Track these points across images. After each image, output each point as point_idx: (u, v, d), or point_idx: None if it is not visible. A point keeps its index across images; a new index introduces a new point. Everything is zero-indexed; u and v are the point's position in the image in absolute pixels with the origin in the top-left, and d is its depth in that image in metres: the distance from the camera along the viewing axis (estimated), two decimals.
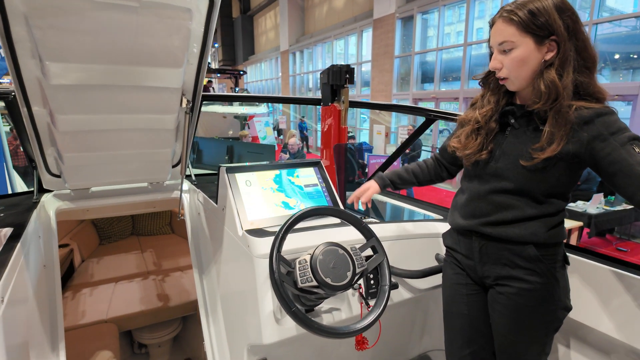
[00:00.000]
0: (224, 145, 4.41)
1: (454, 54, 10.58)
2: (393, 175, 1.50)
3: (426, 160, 1.49)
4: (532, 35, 1.03)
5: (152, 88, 1.35)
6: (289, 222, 1.12)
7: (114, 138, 1.52)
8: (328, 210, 1.19)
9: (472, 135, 1.19)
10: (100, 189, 1.95)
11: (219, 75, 15.31)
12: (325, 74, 1.72)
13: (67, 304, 2.96)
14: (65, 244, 3.53)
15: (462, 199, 1.26)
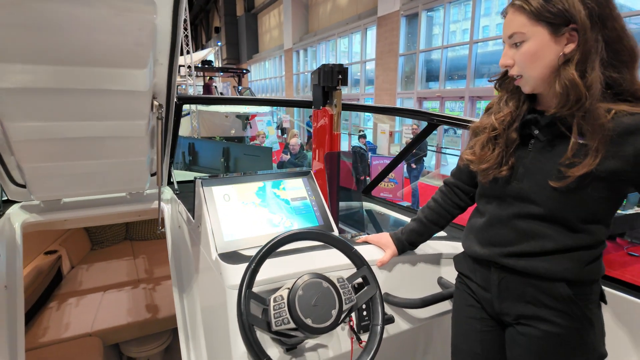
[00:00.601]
0: (219, 147, 4.27)
1: (459, 52, 10.37)
2: (411, 236, 1.30)
3: (437, 195, 1.29)
4: (546, 25, 0.86)
5: (115, 92, 1.19)
6: (262, 252, 0.95)
7: (78, 147, 1.37)
8: (311, 235, 1.02)
9: (488, 145, 1.01)
10: (73, 199, 1.80)
11: (222, 74, 15.18)
12: (315, 74, 1.55)
13: (52, 315, 2.83)
14: (53, 250, 3.40)
15: (479, 222, 1.08)
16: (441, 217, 1.27)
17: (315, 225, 1.41)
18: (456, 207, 1.25)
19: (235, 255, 1.18)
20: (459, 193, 1.24)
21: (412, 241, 1.31)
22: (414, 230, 1.29)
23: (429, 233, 1.30)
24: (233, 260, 1.13)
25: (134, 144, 1.46)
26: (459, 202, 1.24)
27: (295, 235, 1.00)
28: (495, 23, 9.59)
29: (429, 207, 1.29)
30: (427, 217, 1.28)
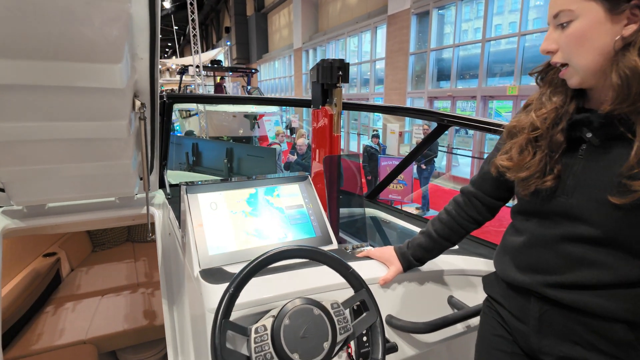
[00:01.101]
0: (223, 147, 4.17)
1: (471, 51, 10.15)
2: (418, 252, 1.15)
3: (451, 206, 1.12)
4: (600, 0, 0.70)
5: (89, 89, 1.08)
6: (242, 274, 0.83)
7: (56, 150, 1.27)
8: (300, 252, 0.89)
9: (527, 148, 0.84)
10: (58, 204, 1.70)
11: (230, 73, 15.13)
12: (314, 70, 1.42)
13: (47, 320, 2.76)
14: (52, 253, 3.34)
15: (516, 242, 0.91)
16: (454, 232, 1.11)
17: (312, 237, 1.28)
18: (472, 221, 1.09)
19: (219, 272, 1.05)
20: (478, 205, 1.07)
21: (419, 257, 1.16)
22: (422, 245, 1.15)
23: (438, 249, 1.15)
24: (216, 278, 1.01)
25: (117, 146, 1.35)
26: (476, 215, 1.08)
27: (282, 254, 0.87)
28: (508, 22, 9.36)
29: (441, 220, 1.13)
30: (438, 232, 1.12)
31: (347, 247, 1.40)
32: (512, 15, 9.19)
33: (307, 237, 1.27)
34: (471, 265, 1.29)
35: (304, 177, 1.40)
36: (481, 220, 1.09)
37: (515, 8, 8.99)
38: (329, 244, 1.29)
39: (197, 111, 10.85)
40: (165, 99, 1.57)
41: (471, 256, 1.34)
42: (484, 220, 1.10)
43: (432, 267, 1.23)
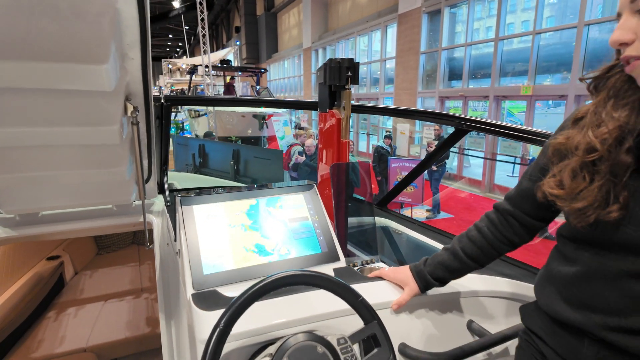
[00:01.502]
0: (229, 149, 4.09)
1: (483, 50, 9.94)
2: (439, 270, 1.02)
3: (484, 223, 0.99)
4: None
5: (75, 92, 0.99)
6: (234, 306, 0.72)
7: (43, 157, 1.18)
8: (303, 278, 0.78)
9: (582, 173, 0.69)
10: (52, 212, 1.62)
11: (240, 73, 15.10)
12: (321, 71, 1.31)
13: (48, 326, 2.70)
14: (56, 256, 3.29)
15: (566, 272, 0.78)
16: (484, 254, 0.97)
17: (317, 252, 1.18)
18: (507, 243, 0.95)
19: (213, 296, 0.95)
20: (515, 225, 0.93)
21: (440, 277, 1.02)
22: (444, 263, 1.01)
23: (463, 270, 1.01)
24: (209, 304, 0.91)
25: (110, 153, 1.26)
26: (512, 237, 0.94)
27: (282, 281, 0.76)
28: (521, 20, 9.14)
29: (470, 238, 0.99)
30: (466, 251, 0.98)
31: (355, 262, 1.29)
32: (525, 14, 8.97)
33: (312, 253, 1.17)
34: (493, 286, 1.17)
35: (310, 186, 1.29)
36: (517, 242, 0.95)
37: (528, 6, 8.77)
38: (335, 260, 1.18)
39: (207, 111, 10.82)
40: (163, 101, 1.48)
41: (491, 275, 1.22)
42: (521, 243, 0.95)
43: (449, 288, 1.11)
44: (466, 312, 1.13)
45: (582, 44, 7.31)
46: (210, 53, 12.22)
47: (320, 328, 0.93)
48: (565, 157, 0.73)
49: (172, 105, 1.48)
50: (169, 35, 35.63)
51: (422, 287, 1.04)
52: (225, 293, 0.97)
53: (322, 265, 1.15)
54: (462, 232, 1.04)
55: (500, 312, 1.16)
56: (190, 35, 29.57)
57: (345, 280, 1.00)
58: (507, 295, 1.16)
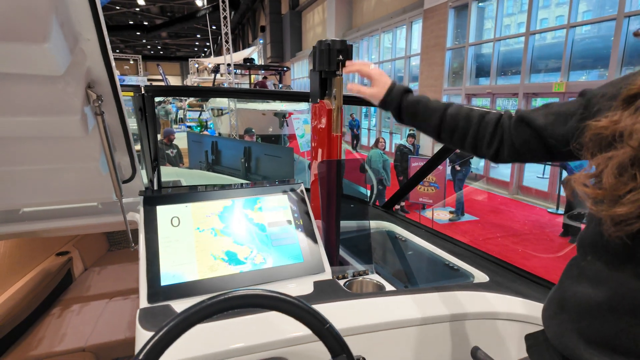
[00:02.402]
0: (241, 146, 4.00)
1: (513, 46, 9.50)
2: (413, 100, 0.93)
3: (484, 113, 0.86)
4: None
5: (21, 77, 0.88)
6: (155, 338, 0.58)
7: (4, 150, 1.08)
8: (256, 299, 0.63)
9: (633, 170, 0.52)
10: (35, 209, 1.54)
11: (262, 71, 15.12)
12: (311, 55, 1.16)
13: (51, 323, 2.67)
14: (65, 252, 3.28)
15: (587, 297, 0.60)
16: (457, 128, 0.85)
17: (298, 262, 1.03)
18: (493, 142, 0.81)
19: (163, 313, 0.82)
20: (525, 133, 0.75)
21: (408, 103, 0.93)
22: (423, 101, 0.91)
23: (425, 120, 0.90)
24: (154, 323, 0.78)
25: (78, 146, 1.15)
26: (509, 139, 0.78)
27: (223, 304, 0.61)
28: (555, 15, 8.64)
29: (461, 112, 0.87)
30: (450, 112, 0.87)
31: (345, 273, 1.13)
32: (560, 9, 8.47)
33: (291, 263, 1.02)
34: (504, 306, 0.99)
35: (295, 185, 1.15)
36: (505, 153, 0.80)
37: (563, 0, 8.27)
38: (319, 272, 1.03)
39: (228, 109, 10.86)
40: (143, 91, 1.37)
41: (504, 293, 1.03)
42: (509, 157, 0.80)
43: (451, 308, 0.94)
44: (471, 337, 0.96)
45: (621, 38, 6.82)
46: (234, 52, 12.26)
47: (288, 355, 0.78)
48: (607, 146, 0.55)
49: (154, 96, 1.37)
50: (196, 35, 36.28)
51: (386, 93, 0.95)
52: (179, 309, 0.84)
53: (302, 277, 1.00)
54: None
55: (512, 339, 0.98)
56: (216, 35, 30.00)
57: (325, 296, 0.85)
58: (520, 317, 0.98)
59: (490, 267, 1.19)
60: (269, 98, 8.40)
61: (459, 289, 1.00)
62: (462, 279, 1.16)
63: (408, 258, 1.38)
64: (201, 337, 0.75)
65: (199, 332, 0.75)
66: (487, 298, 1.00)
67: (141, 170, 1.59)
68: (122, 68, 34.60)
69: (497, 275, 1.13)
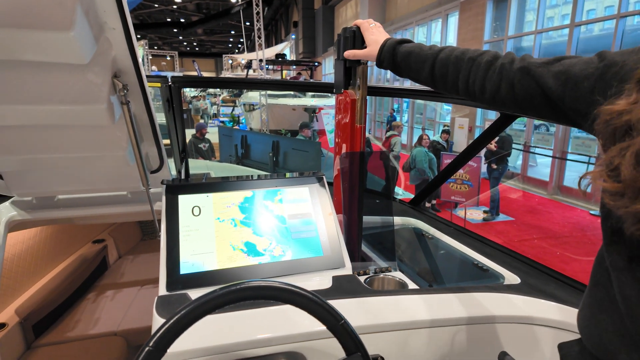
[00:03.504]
0: (269, 140, 4.03)
1: (555, 39, 9.02)
2: (405, 52, 0.89)
3: (475, 55, 0.78)
4: None
5: (49, 66, 0.90)
6: (165, 326, 0.57)
7: (39, 138, 1.13)
8: (264, 291, 0.61)
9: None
10: (69, 197, 1.60)
11: (294, 67, 15.18)
12: (336, 44, 1.13)
13: (86, 307, 2.80)
14: (101, 239, 3.43)
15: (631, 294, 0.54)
16: (449, 77, 0.80)
17: (318, 256, 1.00)
18: (484, 86, 0.74)
19: (180, 301, 0.82)
20: (529, 87, 0.68)
21: (400, 53, 0.89)
22: (414, 52, 0.87)
23: (417, 67, 0.86)
24: (171, 310, 0.78)
25: (105, 135, 1.18)
26: (506, 92, 0.71)
27: (238, 294, 0.60)
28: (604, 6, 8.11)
29: (449, 54, 0.81)
30: (443, 56, 0.82)
31: (367, 270, 1.10)
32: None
33: (311, 256, 0.99)
34: (535, 310, 0.92)
35: (318, 177, 1.12)
36: (503, 99, 0.72)
37: None
38: (339, 267, 1.00)
39: (259, 105, 10.99)
40: (170, 82, 1.38)
41: (537, 296, 0.96)
42: (509, 105, 0.72)
43: (479, 310, 0.88)
44: (498, 342, 0.90)
45: None
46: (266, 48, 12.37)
47: (304, 350, 0.76)
48: (624, 134, 0.48)
49: (180, 87, 1.38)
50: (231, 32, 36.91)
51: (379, 51, 0.93)
52: None
53: (321, 272, 0.98)
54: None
55: (544, 346, 0.91)
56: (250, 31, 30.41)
57: (343, 292, 0.82)
58: (554, 323, 0.91)
59: (522, 269, 1.11)
60: (291, 89, 8.41)
61: (487, 290, 0.95)
62: (491, 280, 1.09)
63: (434, 256, 1.32)
64: (214, 327, 0.74)
65: (211, 322, 0.74)
66: (518, 301, 0.93)
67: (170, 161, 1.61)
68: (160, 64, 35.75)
69: (529, 277, 1.06)
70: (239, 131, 5.54)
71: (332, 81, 1.23)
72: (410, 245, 1.41)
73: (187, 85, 1.43)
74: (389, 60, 0.92)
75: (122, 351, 2.41)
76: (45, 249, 2.70)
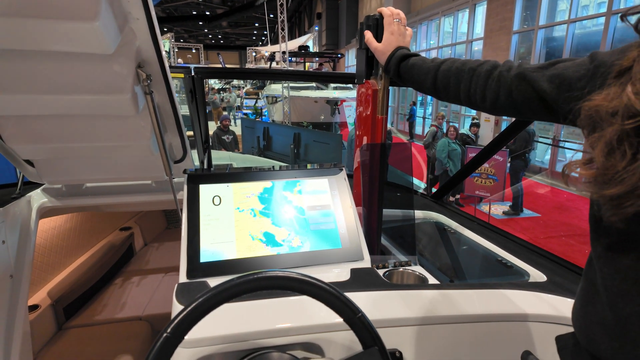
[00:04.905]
0: (291, 132, 4.04)
1: (590, 29, 8.62)
2: (408, 66, 0.93)
3: (475, 66, 0.83)
4: None
5: (75, 56, 0.92)
6: (183, 314, 0.58)
7: (66, 127, 1.16)
8: (280, 281, 0.61)
9: (621, 147, 0.47)
10: (96, 185, 1.65)
11: (317, 59, 15.12)
12: (358, 33, 1.11)
13: (114, 292, 2.90)
14: (127, 227, 3.53)
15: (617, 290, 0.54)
16: (451, 88, 0.85)
17: (336, 247, 0.99)
18: (485, 95, 0.77)
19: (199, 289, 0.83)
20: (525, 92, 0.70)
21: (406, 71, 0.94)
22: (417, 66, 0.92)
23: (424, 83, 0.90)
24: (190, 297, 0.79)
25: (130, 125, 1.20)
26: (513, 95, 0.72)
27: (255, 283, 0.60)
28: None
29: (450, 66, 0.87)
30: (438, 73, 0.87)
31: (386, 263, 1.08)
32: None
33: (329, 248, 0.99)
34: (561, 309, 0.89)
35: (337, 169, 1.11)
36: (502, 106, 0.74)
37: None
38: (358, 259, 0.99)
39: (282, 97, 11.03)
40: (193, 73, 1.39)
41: (563, 295, 0.93)
42: (508, 110, 0.74)
43: (501, 307, 0.86)
44: (521, 341, 0.87)
45: None
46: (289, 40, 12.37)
47: (321, 342, 0.76)
48: (597, 126, 0.51)
49: (203, 78, 1.39)
50: (255, 24, 37.05)
51: (387, 60, 0.97)
52: None
53: (340, 264, 0.97)
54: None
55: None
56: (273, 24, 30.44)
57: (361, 285, 0.81)
58: None
59: (548, 266, 1.07)
60: (312, 80, 8.40)
61: (511, 287, 0.92)
62: (515, 277, 1.06)
63: (456, 251, 1.29)
64: (231, 316, 0.75)
65: (228, 310, 0.75)
66: (544, 299, 0.90)
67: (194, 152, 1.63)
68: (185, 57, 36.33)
69: (556, 275, 1.02)
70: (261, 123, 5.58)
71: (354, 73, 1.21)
72: (432, 240, 1.38)
73: (210, 76, 1.44)
74: (394, 72, 0.96)
75: (147, 335, 2.49)
76: (75, 235, 2.80)
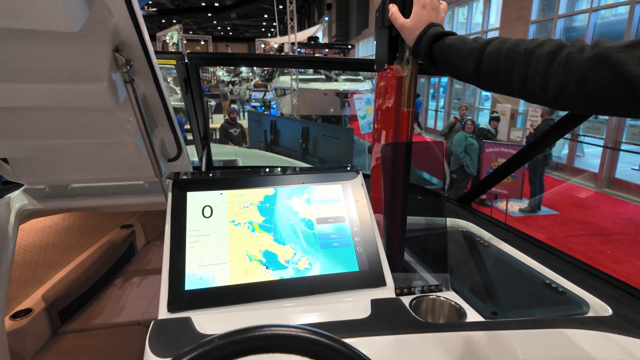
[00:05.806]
0: (299, 126, 3.85)
1: (612, 18, 8.24)
2: (444, 47, 0.75)
3: (533, 47, 0.63)
4: None
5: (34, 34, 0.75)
6: None
7: (38, 122, 1.00)
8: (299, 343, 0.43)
9: None
10: (83, 186, 1.49)
11: (327, 50, 14.86)
12: (379, 8, 0.92)
13: (112, 294, 2.78)
14: (129, 225, 3.41)
15: None
16: (501, 75, 0.66)
17: (353, 270, 0.81)
18: (547, 84, 0.59)
19: (179, 330, 0.66)
20: (611, 82, 0.53)
21: (441, 52, 0.76)
22: (455, 46, 0.73)
23: (464, 68, 0.72)
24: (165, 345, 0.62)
25: (108, 118, 1.03)
26: (587, 83, 0.55)
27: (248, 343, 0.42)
28: None
29: (499, 46, 0.67)
30: (483, 55, 0.68)
31: (412, 287, 0.90)
32: None
33: (344, 272, 0.81)
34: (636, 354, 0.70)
35: (352, 172, 0.93)
36: (571, 98, 0.57)
37: None
38: (379, 285, 0.81)
39: (291, 90, 10.84)
40: (187, 59, 1.21)
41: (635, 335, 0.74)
42: (579, 105, 0.58)
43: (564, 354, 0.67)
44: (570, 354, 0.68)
45: None
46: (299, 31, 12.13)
47: None
48: None
49: (198, 65, 1.21)
50: (264, 15, 36.68)
51: (416, 41, 0.79)
52: (202, 325, 0.67)
53: (357, 291, 0.79)
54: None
55: None
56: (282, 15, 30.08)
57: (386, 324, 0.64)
58: None
59: (610, 293, 0.88)
60: (318, 67, 8.15)
61: (572, 324, 0.73)
62: (571, 308, 0.86)
63: (492, 270, 1.10)
64: None
65: None
66: (615, 342, 0.71)
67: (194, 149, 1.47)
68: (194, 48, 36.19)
69: (622, 305, 0.83)
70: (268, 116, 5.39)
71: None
72: (462, 254, 1.19)
73: (205, 62, 1.26)
74: (425, 54, 0.79)
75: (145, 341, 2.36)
76: (73, 234, 2.68)
